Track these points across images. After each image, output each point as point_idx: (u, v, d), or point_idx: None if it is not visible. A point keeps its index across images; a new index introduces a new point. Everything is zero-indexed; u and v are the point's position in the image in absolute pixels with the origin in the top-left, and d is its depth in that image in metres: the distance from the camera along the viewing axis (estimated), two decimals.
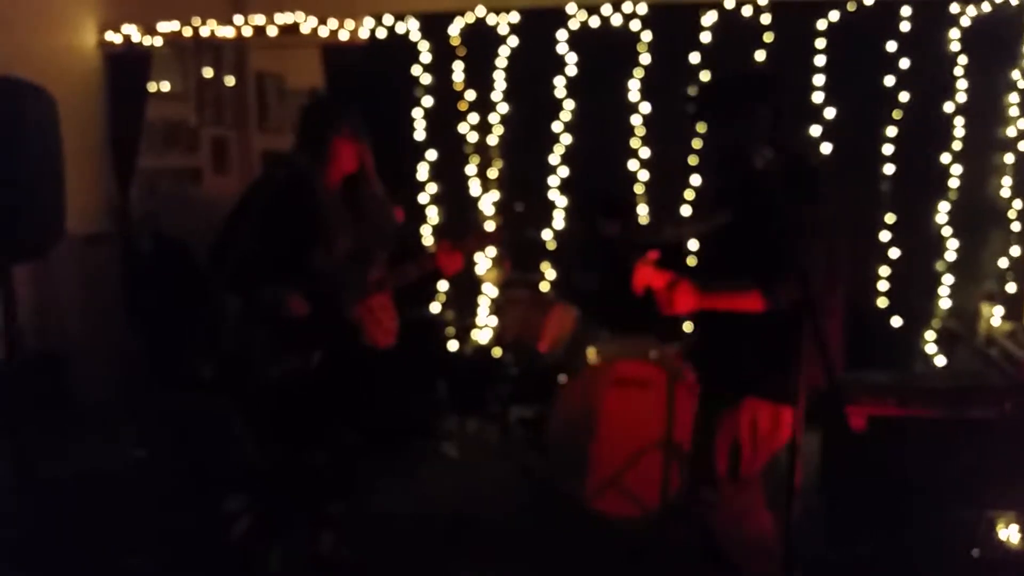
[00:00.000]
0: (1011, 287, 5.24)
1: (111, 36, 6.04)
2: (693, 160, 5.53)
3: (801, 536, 2.63)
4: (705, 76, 5.48)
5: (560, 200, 5.85)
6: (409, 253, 3.75)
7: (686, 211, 5.50)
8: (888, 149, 5.34)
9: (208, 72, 6.91)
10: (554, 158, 5.82)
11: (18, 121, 3.73)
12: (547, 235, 5.80)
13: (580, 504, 4.32)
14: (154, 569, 3.77)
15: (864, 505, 3.92)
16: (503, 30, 5.80)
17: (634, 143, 5.69)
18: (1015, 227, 5.28)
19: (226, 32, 6.08)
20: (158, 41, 6.13)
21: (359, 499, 4.43)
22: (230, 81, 7.17)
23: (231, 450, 4.64)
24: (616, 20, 5.63)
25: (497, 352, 5.47)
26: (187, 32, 6.11)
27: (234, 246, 3.47)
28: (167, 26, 6.09)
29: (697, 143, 5.48)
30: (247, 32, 6.05)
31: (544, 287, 5.61)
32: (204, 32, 6.09)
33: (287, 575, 3.70)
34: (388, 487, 4.70)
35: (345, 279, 3.55)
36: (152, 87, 6.28)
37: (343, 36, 5.93)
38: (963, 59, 5.23)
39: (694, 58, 5.49)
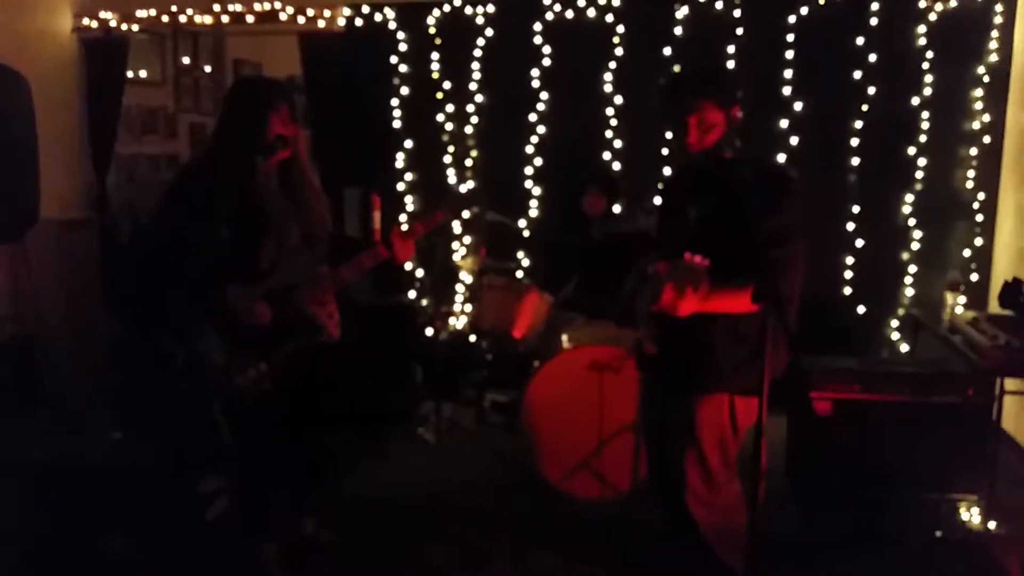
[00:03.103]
0: (974, 276, 5.38)
1: (87, 22, 6.03)
2: (664, 151, 5.62)
3: (768, 518, 2.68)
4: (677, 69, 5.57)
5: (535, 189, 5.92)
6: (360, 245, 3.60)
7: (658, 201, 5.57)
8: (855, 141, 5.45)
9: (186, 59, 6.92)
10: (529, 147, 5.89)
11: None
12: (522, 223, 5.87)
13: (553, 486, 4.38)
14: (132, 551, 3.76)
15: (830, 488, 4.03)
16: (479, 21, 5.86)
17: (608, 133, 5.77)
18: (978, 218, 5.40)
19: (204, 19, 6.09)
20: (135, 28, 6.13)
21: (338, 483, 4.48)
22: (208, 68, 7.17)
23: (208, 434, 4.66)
24: (591, 13, 5.71)
25: (472, 338, 5.54)
26: (164, 19, 6.11)
27: (174, 248, 3.25)
28: (144, 13, 6.10)
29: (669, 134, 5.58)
30: (225, 20, 6.07)
31: (519, 274, 5.68)
32: (182, 19, 6.10)
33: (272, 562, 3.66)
34: (366, 471, 4.75)
35: (299, 273, 3.40)
36: (129, 73, 6.28)
37: (321, 24, 5.96)
38: (929, 54, 5.34)
39: (667, 51, 5.58)
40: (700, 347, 2.98)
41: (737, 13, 5.48)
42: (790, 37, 5.44)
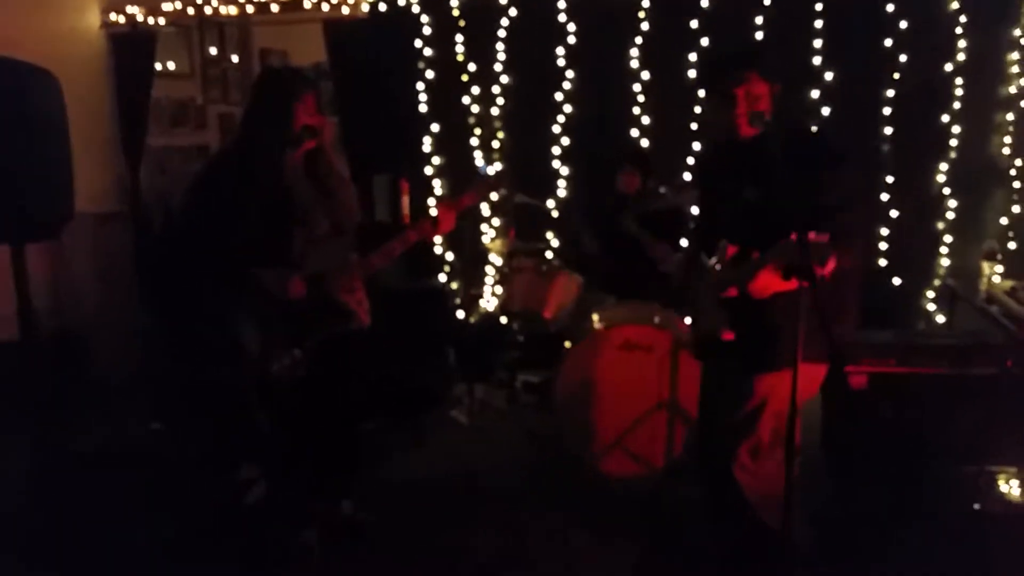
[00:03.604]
0: (1011, 245, 5.26)
1: (115, 17, 6.08)
2: (694, 126, 5.56)
3: (804, 492, 2.66)
4: (704, 42, 5.49)
5: (563, 169, 5.89)
6: (388, 231, 3.58)
7: (688, 177, 5.52)
8: (887, 110, 5.35)
9: (213, 50, 6.95)
10: (556, 127, 5.85)
11: (23, 103, 3.78)
12: (550, 204, 5.85)
13: (587, 465, 4.38)
14: (174, 539, 3.82)
15: (867, 461, 3.98)
16: (503, 1, 5.81)
17: (635, 110, 5.71)
18: (1015, 185, 5.29)
19: (229, 10, 6.11)
20: (162, 21, 6.17)
21: (374, 466, 4.51)
22: (235, 59, 7.20)
23: (245, 422, 4.70)
24: None
25: (503, 320, 5.54)
26: (190, 11, 6.14)
27: (209, 233, 3.27)
28: (170, 6, 6.14)
29: (698, 109, 5.53)
30: (250, 10, 6.08)
31: (548, 255, 5.67)
32: (207, 11, 6.13)
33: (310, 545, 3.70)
34: (401, 454, 4.77)
35: (328, 262, 3.42)
36: (158, 66, 6.32)
37: (345, 11, 5.95)
38: (962, 18, 5.22)
39: (694, 23, 5.49)
40: (770, 325, 2.96)
41: None
42: (819, 6, 5.33)
